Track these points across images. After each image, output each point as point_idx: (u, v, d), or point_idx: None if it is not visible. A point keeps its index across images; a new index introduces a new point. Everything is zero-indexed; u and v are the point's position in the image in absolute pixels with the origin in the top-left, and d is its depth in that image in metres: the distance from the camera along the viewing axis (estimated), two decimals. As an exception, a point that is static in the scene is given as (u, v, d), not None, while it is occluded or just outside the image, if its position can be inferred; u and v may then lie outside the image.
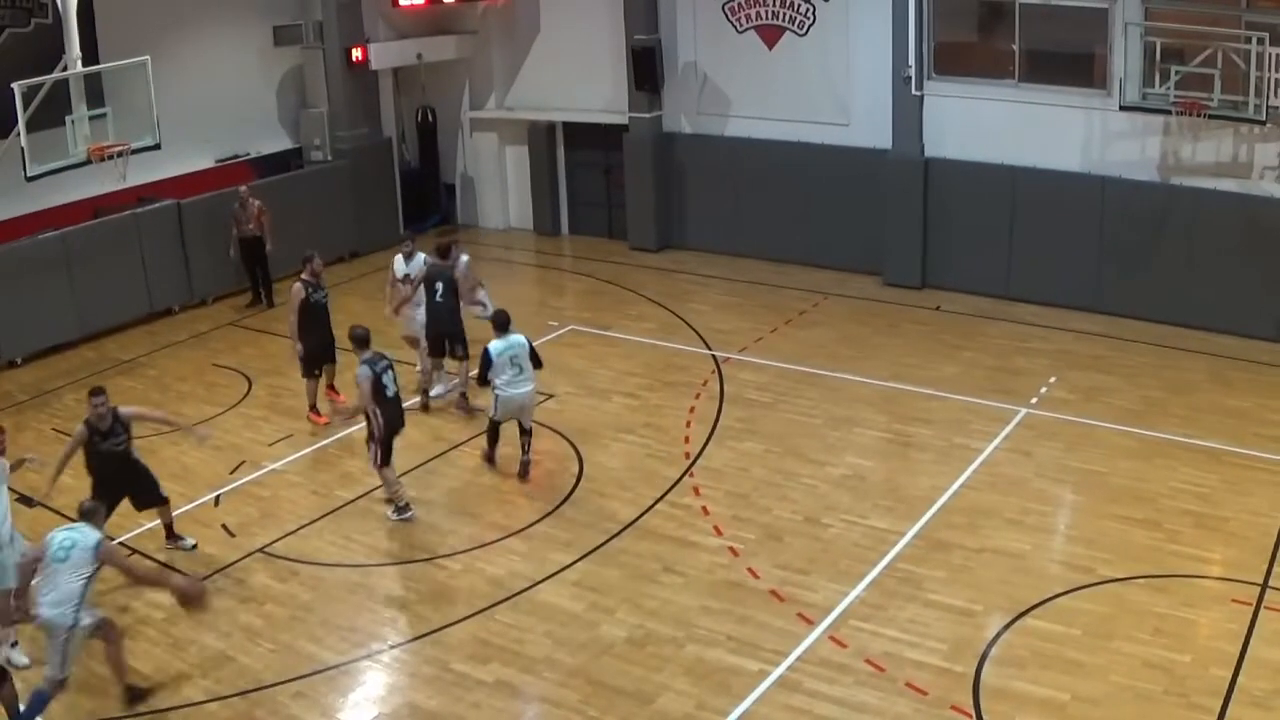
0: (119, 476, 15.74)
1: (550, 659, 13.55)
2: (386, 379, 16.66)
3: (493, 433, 18.13)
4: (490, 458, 18.25)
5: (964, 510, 16.06)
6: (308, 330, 19.93)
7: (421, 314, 20.62)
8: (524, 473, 17.76)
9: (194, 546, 16.40)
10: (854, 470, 17.49)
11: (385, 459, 16.86)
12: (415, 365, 21.31)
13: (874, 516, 16.07)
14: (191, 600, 13.47)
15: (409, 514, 16.92)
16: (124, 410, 15.80)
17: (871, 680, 12.69)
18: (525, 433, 17.96)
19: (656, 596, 14.58)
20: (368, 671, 13.73)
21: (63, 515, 15.63)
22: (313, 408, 20.24)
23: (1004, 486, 16.65)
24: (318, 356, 20.11)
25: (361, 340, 16.86)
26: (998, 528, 15.53)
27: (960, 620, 13.56)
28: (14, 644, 14.06)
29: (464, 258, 21.17)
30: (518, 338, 17.83)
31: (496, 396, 17.71)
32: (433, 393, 20.84)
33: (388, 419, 16.70)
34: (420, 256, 21.22)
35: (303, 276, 20.17)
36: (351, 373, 17.21)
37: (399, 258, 21.29)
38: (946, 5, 24.02)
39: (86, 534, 12.75)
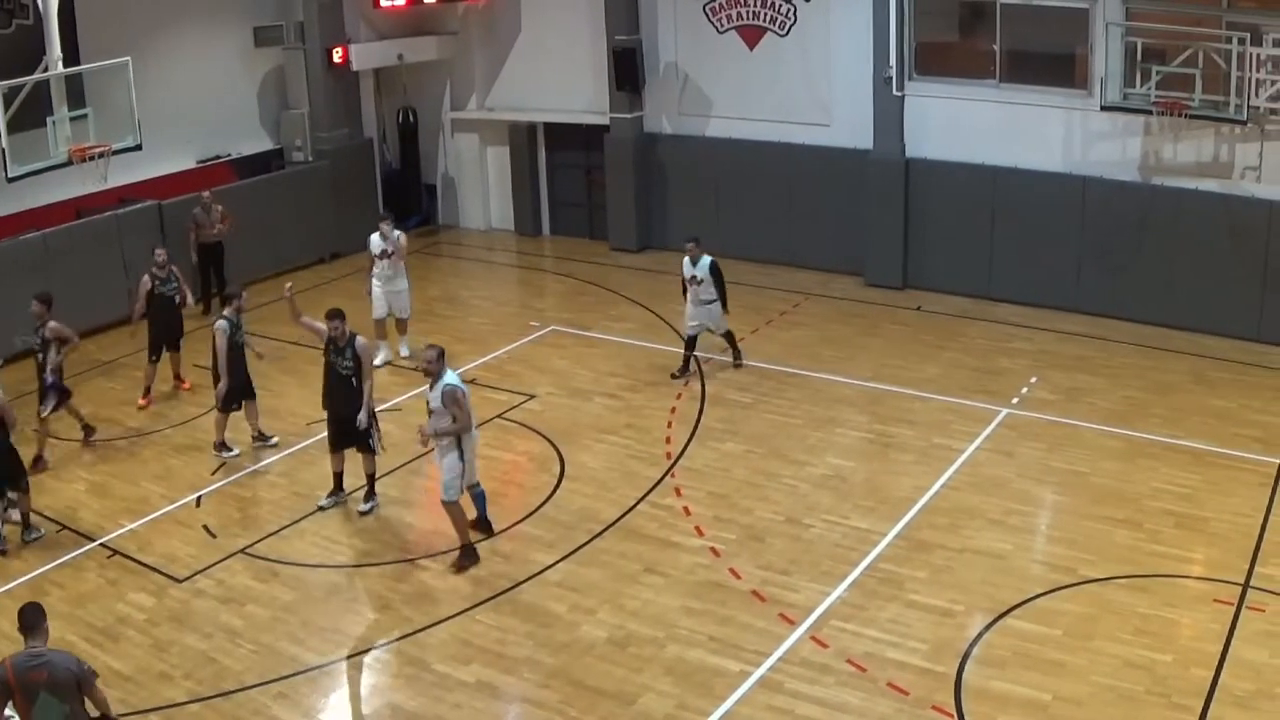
0: None
1: (532, 659, 13.53)
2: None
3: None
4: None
5: (946, 511, 16.07)
6: (232, 369, 19.39)
7: (382, 293, 21.91)
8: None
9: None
10: (835, 471, 17.49)
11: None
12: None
13: (855, 517, 16.06)
14: None
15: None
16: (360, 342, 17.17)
17: (853, 680, 12.67)
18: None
19: (638, 597, 14.56)
20: (349, 672, 13.72)
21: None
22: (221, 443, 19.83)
23: (986, 487, 16.66)
24: (237, 394, 19.63)
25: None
26: (979, 528, 15.53)
27: (942, 620, 13.56)
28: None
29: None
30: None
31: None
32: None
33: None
34: (397, 232, 21.97)
35: (225, 313, 19.54)
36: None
37: (375, 235, 21.86)
38: (927, 5, 24.06)
39: None
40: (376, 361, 21.19)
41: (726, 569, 15.01)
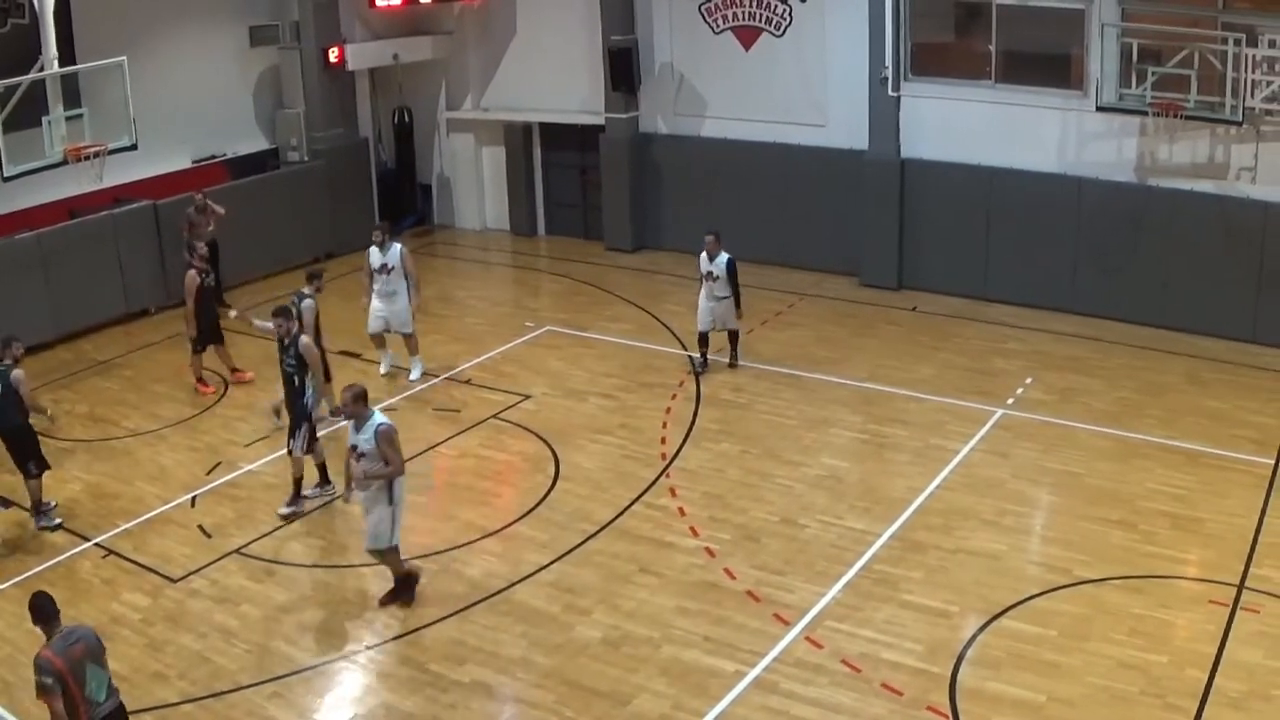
0: None
1: (526, 660, 13.56)
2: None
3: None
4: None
5: (940, 511, 16.08)
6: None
7: (380, 307, 21.44)
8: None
9: None
10: (830, 471, 17.50)
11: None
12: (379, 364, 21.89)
13: (850, 517, 16.07)
14: None
15: None
16: (302, 342, 17.26)
17: (848, 681, 12.70)
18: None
19: (633, 597, 14.59)
20: (344, 672, 13.72)
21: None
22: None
23: (980, 487, 16.67)
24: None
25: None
26: (974, 529, 15.55)
27: (936, 621, 13.57)
28: None
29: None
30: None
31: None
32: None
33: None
34: (396, 246, 21.45)
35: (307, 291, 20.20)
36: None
37: (373, 248, 21.48)
38: (923, 6, 24.04)
39: None
40: (381, 370, 21.68)
41: (721, 569, 15.03)
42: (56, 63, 22.90)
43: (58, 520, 17.17)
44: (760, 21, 26.38)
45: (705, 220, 26.64)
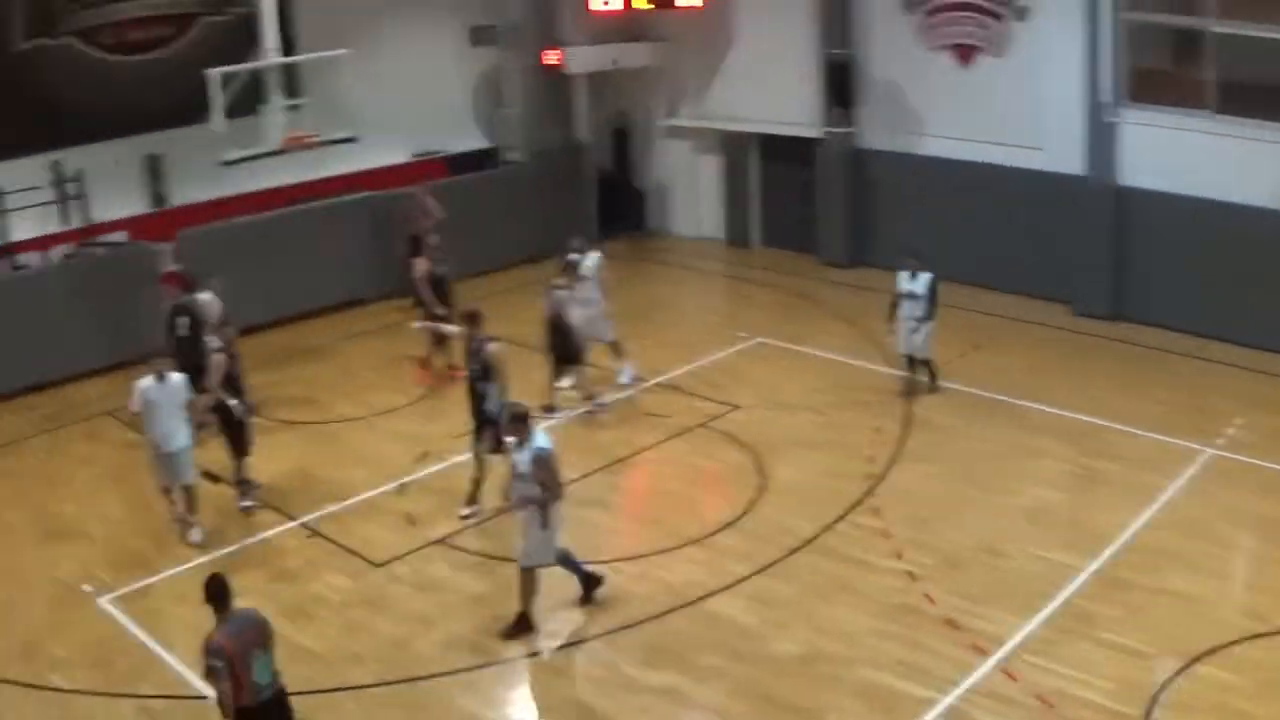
0: None
1: (720, 669, 13.73)
2: None
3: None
4: None
5: (1144, 549, 15.84)
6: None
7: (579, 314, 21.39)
8: None
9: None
10: (1036, 501, 17.36)
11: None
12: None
13: (1054, 550, 15.90)
14: None
15: None
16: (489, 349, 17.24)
17: (1040, 716, 12.62)
18: None
19: (830, 615, 14.68)
20: (537, 667, 14.09)
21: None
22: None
23: (1186, 528, 16.37)
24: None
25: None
26: (1177, 569, 15.29)
27: (1132, 661, 13.42)
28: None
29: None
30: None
31: None
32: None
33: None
34: (590, 255, 21.85)
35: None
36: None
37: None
38: (1141, 32, 23.71)
39: None
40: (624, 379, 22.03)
41: (921, 593, 15.04)
42: (278, 53, 23.71)
43: (254, 503, 17.91)
44: (979, 40, 26.29)
45: (918, 239, 26.51)
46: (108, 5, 24.73)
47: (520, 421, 14.20)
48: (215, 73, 22.58)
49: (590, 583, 15.10)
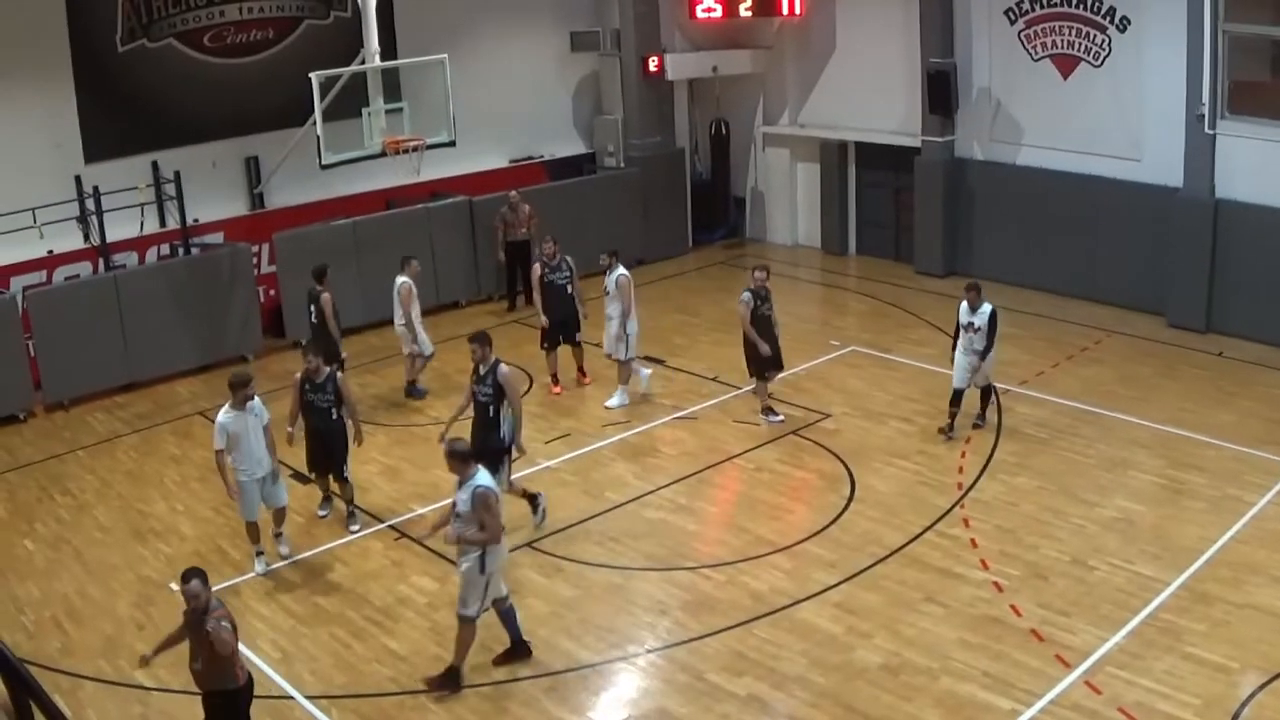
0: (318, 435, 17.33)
1: (803, 678, 13.82)
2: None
3: None
4: None
5: (1230, 564, 15.76)
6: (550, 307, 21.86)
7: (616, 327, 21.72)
8: None
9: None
10: (1124, 514, 17.32)
11: None
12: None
13: (1140, 563, 15.87)
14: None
15: None
16: (502, 371, 16.93)
17: (1123, 729, 12.67)
18: None
19: (915, 625, 14.75)
20: (622, 673, 14.25)
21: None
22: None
23: (1274, 542, 16.25)
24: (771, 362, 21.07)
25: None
26: (1263, 584, 15.20)
27: (1216, 676, 13.39)
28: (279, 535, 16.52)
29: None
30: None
31: None
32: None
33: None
34: (616, 272, 21.87)
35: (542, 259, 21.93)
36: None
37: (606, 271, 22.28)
38: (1242, 43, 23.49)
39: None
40: (614, 402, 21.95)
41: (1007, 605, 15.06)
42: (379, 57, 23.97)
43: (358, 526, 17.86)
44: (1079, 50, 26.19)
45: (1014, 248, 26.95)
46: (209, 8, 25.22)
47: (460, 458, 13.53)
48: (317, 76, 22.94)
49: (517, 649, 14.39)
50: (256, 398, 16.33)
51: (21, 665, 9.84)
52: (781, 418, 20.91)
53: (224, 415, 16.00)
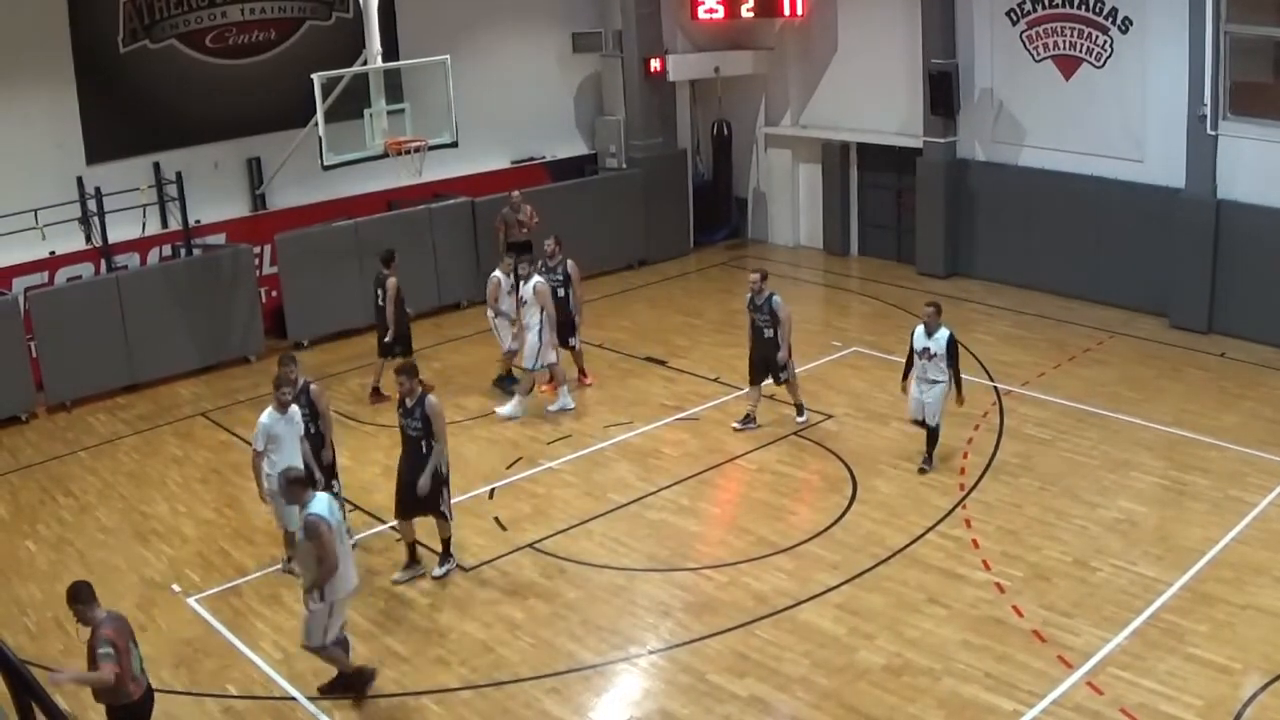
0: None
1: (806, 679, 13.80)
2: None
3: None
4: None
5: (1233, 565, 15.73)
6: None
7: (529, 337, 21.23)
8: None
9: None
10: (1126, 515, 17.29)
11: None
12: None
13: (1143, 564, 15.85)
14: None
15: None
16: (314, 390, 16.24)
17: (1125, 730, 12.66)
18: None
19: (918, 626, 14.73)
20: (624, 674, 14.24)
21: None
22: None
23: (1276, 544, 16.23)
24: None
25: None
26: (1265, 585, 15.19)
27: (1218, 677, 13.38)
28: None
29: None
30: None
31: None
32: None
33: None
34: (535, 279, 21.35)
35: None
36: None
37: (503, 277, 22.10)
38: (1244, 44, 23.45)
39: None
40: (506, 411, 21.60)
41: (1009, 606, 15.04)
42: (380, 57, 23.99)
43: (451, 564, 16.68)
44: (1081, 51, 26.16)
45: (1018, 250, 26.83)
46: (211, 9, 25.21)
47: (299, 485, 13.06)
48: (319, 77, 22.94)
49: (342, 682, 13.68)
50: (295, 407, 15.97)
51: (24, 666, 9.84)
52: (743, 424, 20.79)
53: (266, 416, 15.70)
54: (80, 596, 11.13)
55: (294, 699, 13.81)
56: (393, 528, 17.17)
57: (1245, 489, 17.87)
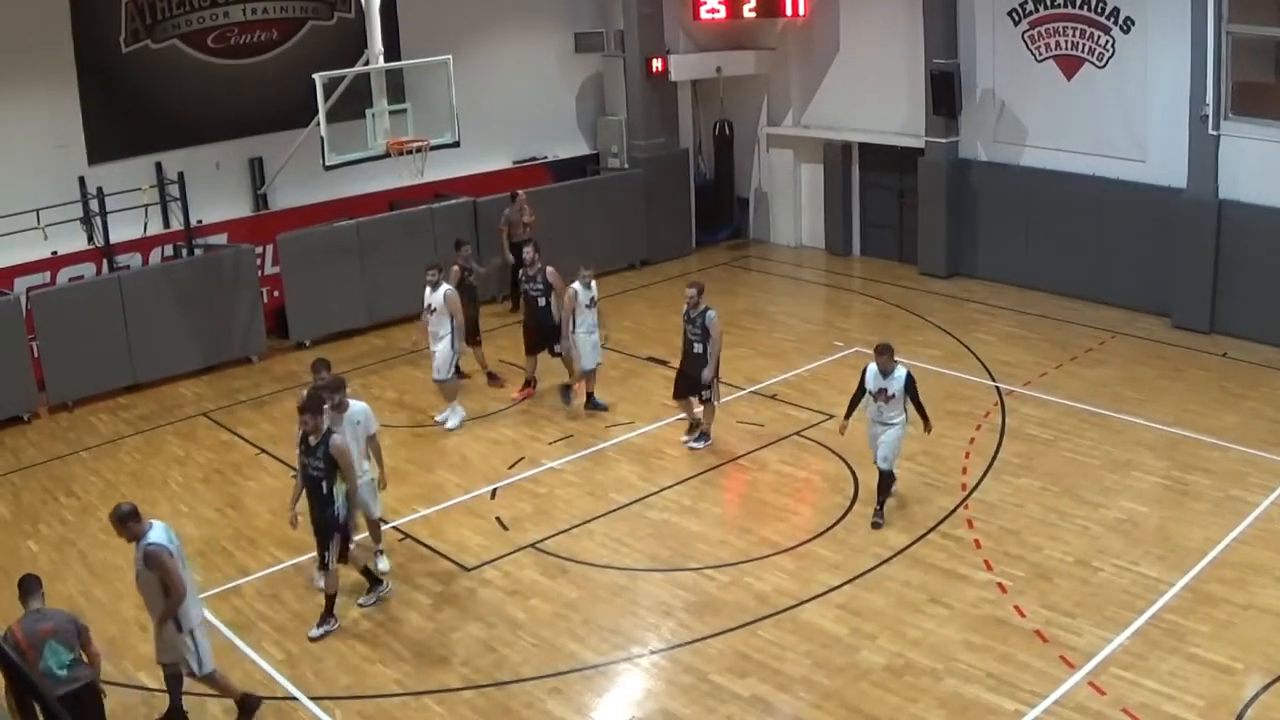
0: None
1: (808, 679, 13.79)
2: None
3: None
4: None
5: (1234, 565, 15.72)
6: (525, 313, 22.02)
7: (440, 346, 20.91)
8: None
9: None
10: (1129, 515, 17.27)
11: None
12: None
13: (1145, 564, 15.84)
14: None
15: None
16: (334, 442, 14.64)
17: (1126, 730, 12.65)
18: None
19: (920, 626, 14.71)
20: (625, 674, 14.22)
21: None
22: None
23: (1278, 543, 16.22)
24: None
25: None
26: (1267, 585, 15.18)
27: (1220, 677, 13.37)
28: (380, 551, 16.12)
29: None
30: None
31: None
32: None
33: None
34: (444, 287, 20.96)
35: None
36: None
37: (428, 288, 21.02)
38: (1245, 44, 23.44)
39: None
40: (451, 424, 21.26)
41: (1011, 606, 15.03)
42: (382, 57, 24.00)
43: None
44: (1083, 51, 26.15)
45: (1020, 250, 26.85)
46: (213, 9, 25.20)
47: (130, 518, 12.44)
48: (321, 77, 22.94)
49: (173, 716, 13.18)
50: (354, 403, 15.86)
51: (24, 666, 9.74)
52: (693, 438, 20.33)
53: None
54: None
55: (295, 699, 13.82)
56: (395, 527, 17.33)
57: (1247, 489, 17.85)
